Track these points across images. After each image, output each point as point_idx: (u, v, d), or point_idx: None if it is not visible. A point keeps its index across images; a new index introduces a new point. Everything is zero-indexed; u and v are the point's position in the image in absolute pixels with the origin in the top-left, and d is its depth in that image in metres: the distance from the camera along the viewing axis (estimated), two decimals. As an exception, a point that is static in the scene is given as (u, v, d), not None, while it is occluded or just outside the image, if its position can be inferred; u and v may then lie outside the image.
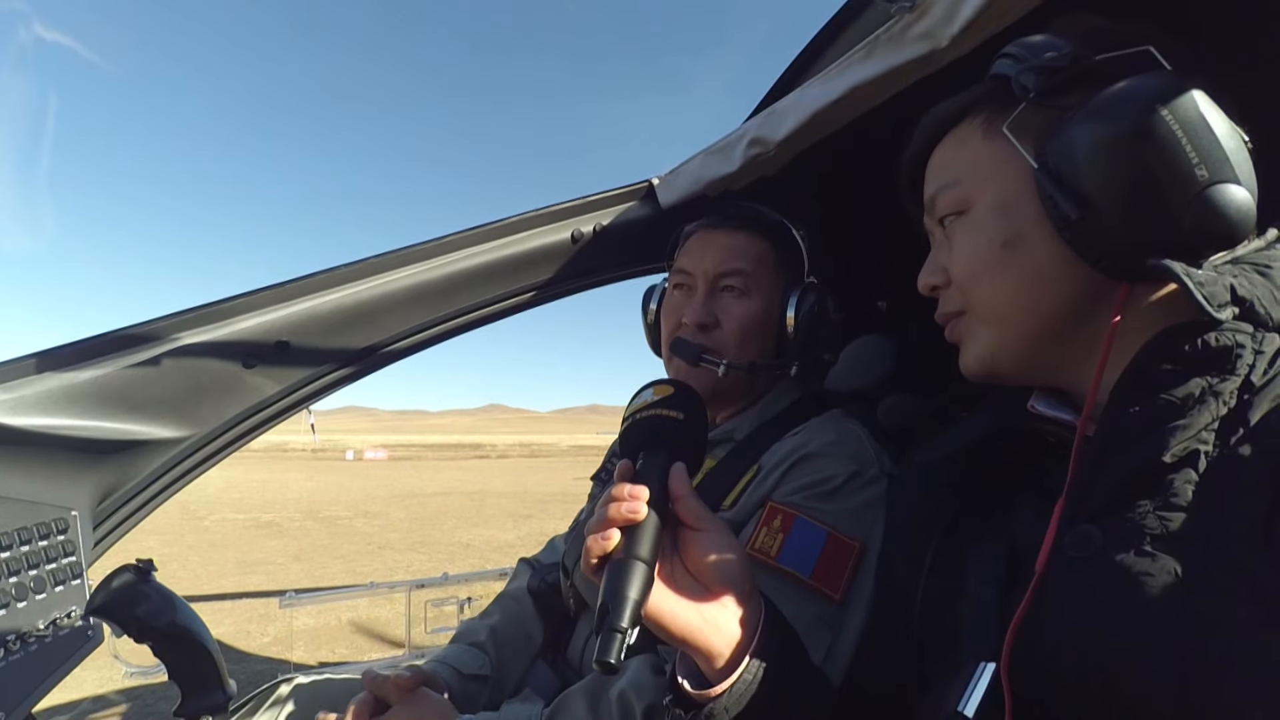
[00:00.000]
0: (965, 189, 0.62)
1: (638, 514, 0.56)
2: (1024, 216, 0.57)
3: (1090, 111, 0.51)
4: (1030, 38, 0.58)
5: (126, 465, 1.01)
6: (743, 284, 1.05)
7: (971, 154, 0.62)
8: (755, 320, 1.04)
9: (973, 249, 0.61)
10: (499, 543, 8.42)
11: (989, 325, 0.61)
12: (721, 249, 1.06)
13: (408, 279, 1.20)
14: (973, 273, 0.61)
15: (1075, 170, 0.51)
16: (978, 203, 0.61)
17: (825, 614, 0.83)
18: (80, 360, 0.95)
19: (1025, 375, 0.63)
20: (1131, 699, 0.46)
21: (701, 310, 1.04)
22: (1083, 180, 0.51)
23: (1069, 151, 0.52)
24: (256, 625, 4.97)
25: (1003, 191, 0.59)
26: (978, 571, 0.60)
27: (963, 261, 0.62)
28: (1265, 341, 0.50)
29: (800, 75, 1.23)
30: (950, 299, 0.64)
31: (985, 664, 0.52)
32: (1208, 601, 0.45)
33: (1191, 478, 0.49)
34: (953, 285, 0.63)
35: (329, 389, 1.20)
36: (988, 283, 0.60)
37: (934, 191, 0.65)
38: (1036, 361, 0.61)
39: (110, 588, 0.81)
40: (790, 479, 0.92)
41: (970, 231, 0.61)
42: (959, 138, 0.65)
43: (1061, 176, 0.53)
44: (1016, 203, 0.58)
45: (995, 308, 0.60)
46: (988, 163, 0.61)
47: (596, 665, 0.50)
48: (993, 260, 0.59)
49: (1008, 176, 0.59)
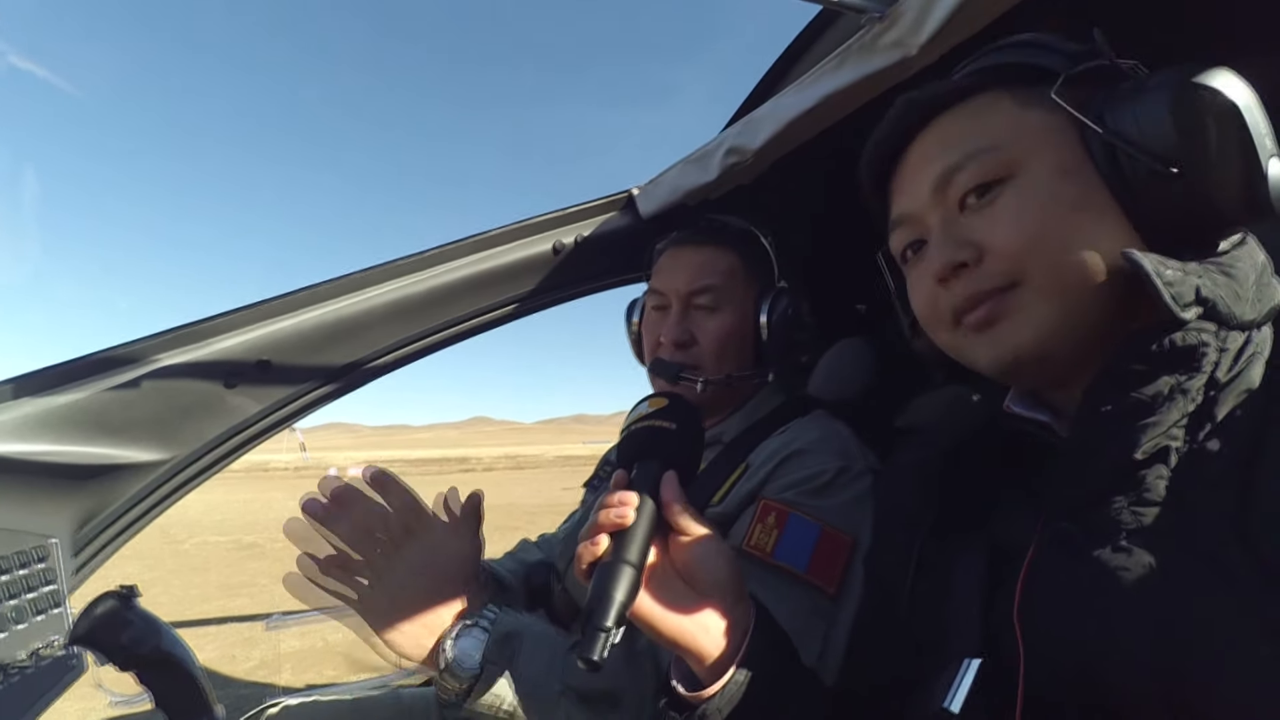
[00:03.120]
0: (1008, 153, 0.56)
1: (625, 519, 0.58)
2: (1088, 181, 0.54)
3: (1164, 81, 0.51)
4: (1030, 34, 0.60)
5: (106, 490, 0.99)
6: (714, 300, 1.07)
7: (1008, 120, 0.58)
8: (730, 333, 1.07)
9: (1035, 210, 0.54)
10: (488, 556, 8.34)
11: (1052, 295, 0.54)
12: (691, 267, 1.09)
13: (389, 294, 1.19)
14: (1036, 236, 0.54)
15: (1154, 133, 0.51)
16: (1030, 166, 0.56)
17: (820, 608, 0.84)
18: (58, 384, 0.93)
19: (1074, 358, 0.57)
20: (1116, 689, 0.48)
21: (677, 329, 1.07)
22: (1162, 142, 0.51)
23: (1145, 116, 0.52)
24: (242, 649, 4.88)
25: (1062, 155, 0.55)
26: (962, 570, 0.61)
27: (1020, 226, 0.55)
28: (1229, 339, 0.51)
29: (775, 84, 1.25)
30: (988, 274, 0.56)
31: (970, 660, 0.53)
32: (1182, 592, 0.46)
33: (1163, 473, 0.51)
34: (993, 256, 0.56)
35: (312, 407, 1.19)
36: (1056, 246, 0.53)
37: (957, 160, 0.58)
38: (1087, 342, 0.55)
39: (93, 615, 0.80)
40: (779, 476, 0.94)
41: (1025, 195, 0.55)
42: (974, 110, 0.60)
43: (1135, 141, 0.52)
44: (1077, 166, 0.55)
45: (1063, 274, 0.53)
46: (1034, 127, 0.56)
47: (580, 663, 0.52)
48: (1062, 221, 0.54)
49: (1063, 143, 0.55)
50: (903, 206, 0.64)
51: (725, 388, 1.06)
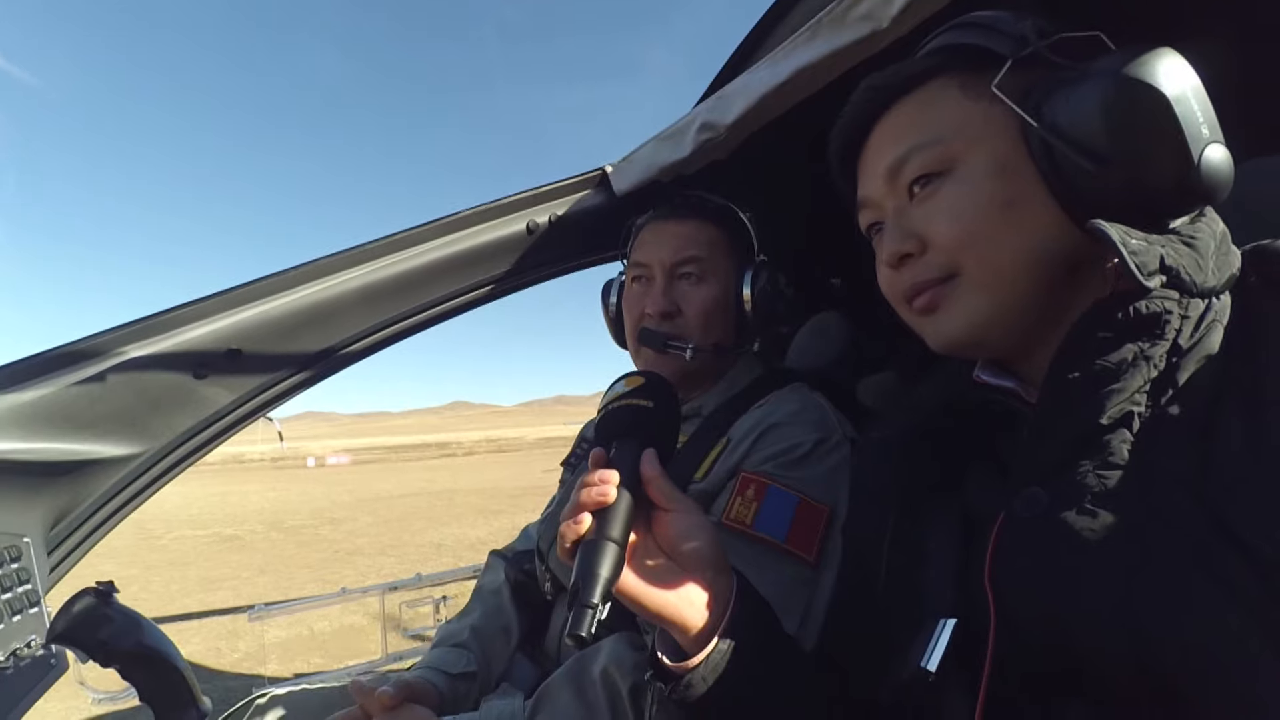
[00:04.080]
0: (950, 146, 0.59)
1: (607, 497, 0.58)
2: (1022, 176, 0.56)
3: (1099, 72, 0.52)
4: (985, 12, 0.60)
5: (78, 487, 0.97)
6: (699, 270, 1.08)
7: (953, 112, 0.59)
8: (715, 303, 1.08)
9: (969, 209, 0.57)
10: (471, 540, 8.35)
11: (982, 291, 0.58)
12: (675, 238, 1.10)
13: (361, 278, 1.17)
14: (969, 233, 0.57)
15: (1084, 128, 0.52)
16: (968, 161, 0.58)
17: (801, 576, 0.87)
18: (22, 380, 0.91)
19: (1009, 343, 0.61)
20: (1082, 648, 0.49)
21: (663, 299, 1.08)
22: (1092, 138, 0.51)
23: (1076, 110, 0.52)
24: (226, 642, 4.85)
25: (998, 150, 0.57)
26: (936, 538, 0.63)
27: (955, 223, 0.58)
28: (1190, 307, 0.53)
29: (748, 58, 1.24)
30: (929, 265, 0.60)
31: (945, 620, 0.55)
32: (1145, 552, 0.48)
33: (1126, 438, 0.53)
34: (934, 249, 0.59)
35: (285, 395, 1.17)
36: (987, 244, 0.56)
37: (903, 152, 0.61)
38: (1023, 327, 0.59)
39: (71, 613, 0.79)
40: (759, 449, 0.95)
41: (961, 191, 0.58)
42: (924, 99, 0.61)
43: (1066, 135, 0.52)
44: (1015, 162, 0.56)
45: (996, 269, 0.57)
46: (976, 120, 0.58)
47: (569, 639, 0.52)
48: (993, 219, 0.56)
49: (1001, 135, 0.57)
50: (864, 189, 0.67)
51: (712, 357, 1.08)
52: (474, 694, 1.10)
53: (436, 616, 4.07)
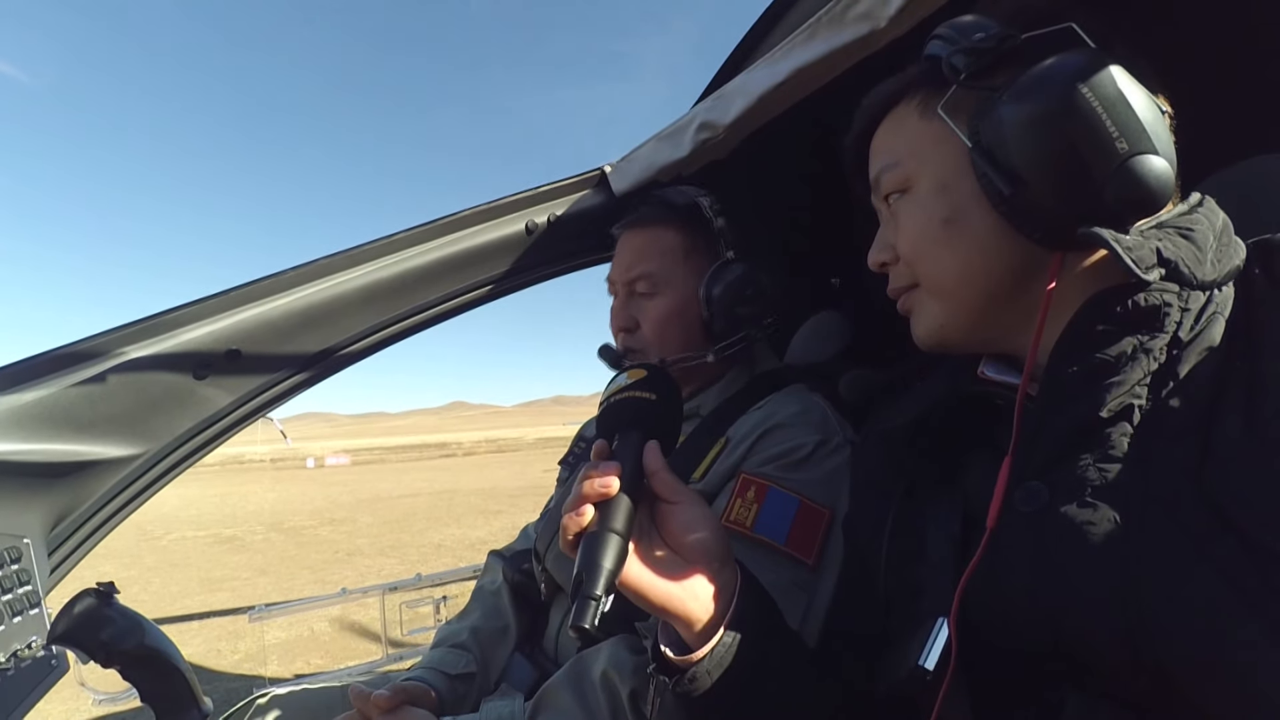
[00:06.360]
0: (906, 169, 0.64)
1: (610, 489, 0.58)
2: (962, 194, 0.60)
3: (1017, 91, 0.53)
4: (960, 18, 0.60)
5: (78, 488, 0.97)
6: (650, 285, 1.09)
7: (910, 134, 0.64)
8: (670, 315, 1.08)
9: (916, 227, 0.63)
10: (471, 540, 8.35)
11: (936, 298, 0.64)
12: (630, 253, 1.11)
13: (360, 279, 1.17)
14: (918, 250, 0.63)
15: (1006, 148, 0.54)
16: (918, 181, 0.63)
17: (800, 579, 0.86)
18: (21, 381, 0.91)
19: (973, 344, 0.65)
20: (1082, 641, 0.50)
21: (622, 315, 1.10)
22: (1013, 157, 0.53)
23: (999, 130, 0.54)
24: (227, 643, 4.85)
25: (941, 170, 0.61)
26: (935, 532, 0.63)
27: (908, 239, 0.64)
28: (1190, 299, 0.53)
29: (746, 58, 1.24)
30: (900, 274, 0.67)
31: (943, 619, 0.55)
32: (1145, 545, 0.48)
33: (1127, 430, 0.53)
34: (901, 261, 0.66)
35: (285, 396, 1.17)
36: (932, 259, 0.62)
37: (877, 172, 0.67)
38: (982, 330, 0.63)
39: (72, 614, 0.79)
40: (759, 450, 0.95)
41: (913, 210, 0.63)
42: (898, 119, 0.67)
43: (994, 154, 0.55)
44: (955, 181, 0.60)
45: (941, 282, 0.63)
46: (926, 142, 0.63)
47: (572, 631, 0.52)
48: (936, 237, 0.61)
49: (945, 155, 0.61)
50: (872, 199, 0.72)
51: (682, 367, 1.07)
52: (473, 695, 1.10)
53: (436, 617, 4.07)
